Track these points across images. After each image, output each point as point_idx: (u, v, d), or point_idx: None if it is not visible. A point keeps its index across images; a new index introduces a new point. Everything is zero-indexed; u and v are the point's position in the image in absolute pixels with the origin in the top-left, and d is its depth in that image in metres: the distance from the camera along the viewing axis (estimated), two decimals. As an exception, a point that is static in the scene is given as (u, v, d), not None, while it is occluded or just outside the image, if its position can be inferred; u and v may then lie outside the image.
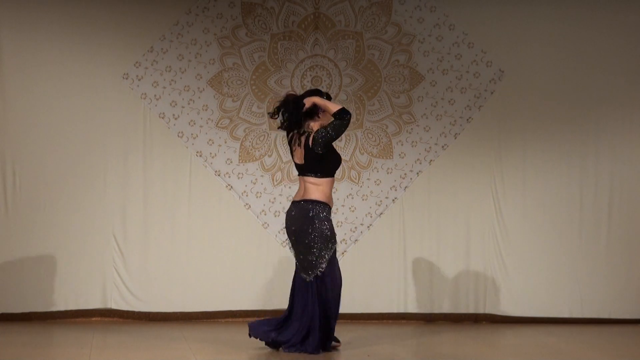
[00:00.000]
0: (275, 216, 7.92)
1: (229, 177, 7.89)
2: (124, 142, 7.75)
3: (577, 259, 8.16)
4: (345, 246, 7.90)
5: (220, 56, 7.88)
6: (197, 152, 7.85)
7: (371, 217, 8.04)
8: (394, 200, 8.07)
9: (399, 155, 8.06)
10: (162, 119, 7.81)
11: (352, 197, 7.98)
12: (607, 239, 8.18)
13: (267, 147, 7.95)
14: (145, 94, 7.79)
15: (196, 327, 7.47)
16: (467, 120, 8.11)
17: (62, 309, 7.63)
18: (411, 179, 8.08)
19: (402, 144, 8.07)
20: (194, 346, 6.44)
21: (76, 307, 7.65)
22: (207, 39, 7.86)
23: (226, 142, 7.89)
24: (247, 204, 7.91)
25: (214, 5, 7.87)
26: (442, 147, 8.10)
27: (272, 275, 7.88)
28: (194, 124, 7.85)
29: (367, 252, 8.00)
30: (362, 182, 8.03)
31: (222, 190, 7.88)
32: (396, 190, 8.07)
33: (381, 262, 8.01)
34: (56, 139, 7.64)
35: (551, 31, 8.13)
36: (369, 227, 8.01)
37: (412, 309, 8.05)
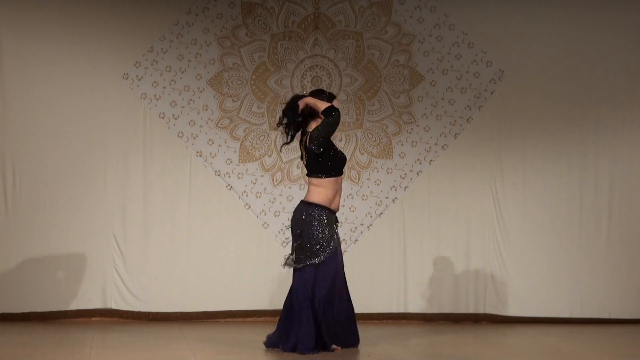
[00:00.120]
0: (275, 216, 7.92)
1: (229, 177, 7.89)
2: (124, 142, 7.75)
3: (577, 259, 8.16)
4: (345, 246, 7.89)
5: (220, 56, 7.88)
6: (197, 152, 7.85)
7: (371, 217, 8.04)
8: (394, 200, 8.07)
9: (399, 155, 8.06)
10: (162, 119, 7.81)
11: (352, 197, 7.98)
12: (607, 239, 8.18)
13: (267, 147, 7.95)
14: (145, 94, 7.79)
15: (196, 327, 7.46)
16: (467, 120, 8.11)
17: (62, 309, 7.63)
18: (411, 179, 8.09)
19: (402, 144, 8.07)
20: (194, 346, 6.44)
21: (76, 307, 7.65)
22: (207, 39, 7.86)
23: (226, 142, 7.89)
24: (247, 204, 7.91)
25: (214, 5, 7.87)
26: (442, 147, 8.11)
27: (272, 275, 7.88)
28: (194, 124, 7.85)
29: (367, 252, 8.00)
30: (362, 182, 8.03)
31: (222, 190, 7.88)
32: (396, 190, 8.07)
33: (381, 262, 8.01)
34: (56, 139, 7.65)
35: (551, 31, 8.14)
36: (369, 227, 8.01)
37: (412, 309, 8.05)
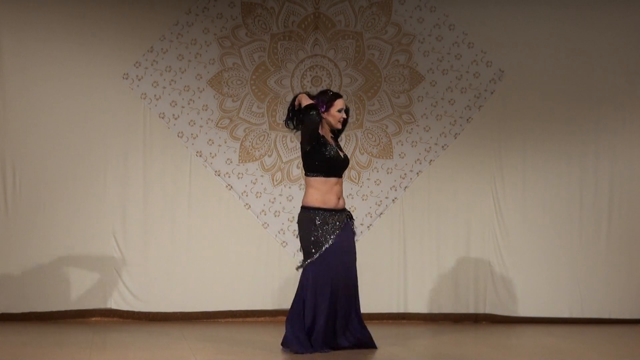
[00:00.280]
0: (275, 216, 7.92)
1: (229, 177, 7.89)
2: (124, 142, 7.75)
3: (577, 259, 8.16)
4: (345, 246, 7.90)
5: (220, 56, 7.88)
6: (197, 152, 7.85)
7: (371, 217, 8.04)
8: (394, 200, 8.07)
9: (399, 155, 8.06)
10: (162, 119, 7.81)
11: (352, 197, 7.97)
12: (607, 239, 8.18)
13: (267, 147, 7.95)
14: (145, 94, 7.79)
15: (196, 327, 7.46)
16: (467, 120, 8.11)
17: (62, 309, 7.62)
18: (411, 179, 8.09)
19: (402, 144, 8.07)
20: (194, 346, 6.44)
21: (76, 307, 7.65)
22: (207, 39, 7.86)
23: (226, 142, 7.89)
24: (247, 204, 7.91)
25: (214, 5, 7.87)
26: (442, 147, 8.10)
27: (272, 275, 7.88)
28: (194, 124, 7.85)
29: (367, 252, 7.99)
30: (362, 182, 8.03)
31: (222, 190, 7.88)
32: (396, 190, 8.07)
33: (381, 262, 8.01)
34: (56, 139, 7.64)
35: (551, 31, 8.14)
36: (369, 227, 8.01)
37: (412, 309, 8.05)
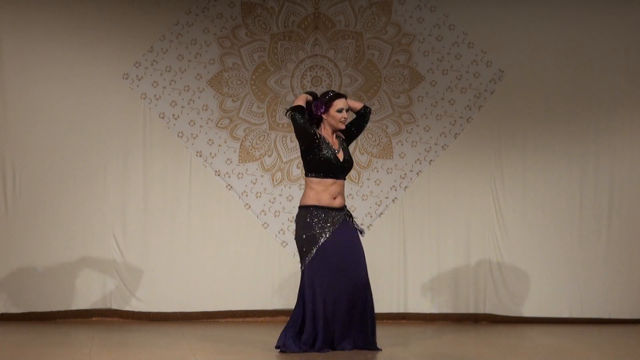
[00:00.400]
0: (275, 216, 7.92)
1: (229, 177, 7.89)
2: (124, 142, 7.75)
3: (577, 258, 8.15)
4: (345, 246, 7.90)
5: (220, 56, 7.88)
6: (197, 152, 7.85)
7: (371, 217, 8.04)
8: (394, 200, 8.07)
9: (399, 155, 8.06)
10: (162, 119, 7.81)
11: (352, 197, 7.97)
12: (607, 238, 8.18)
13: (267, 147, 7.95)
14: (145, 94, 7.79)
15: (196, 327, 7.46)
16: (467, 120, 8.11)
17: (62, 309, 7.62)
18: (411, 179, 8.08)
19: (402, 144, 8.07)
20: (194, 346, 6.44)
21: (76, 307, 7.65)
22: (207, 39, 7.86)
23: (226, 142, 7.89)
24: (247, 204, 7.91)
25: (214, 5, 7.87)
26: (442, 147, 8.10)
27: (272, 275, 7.88)
28: (194, 124, 7.85)
29: (367, 252, 7.95)
30: (362, 182, 8.03)
31: (222, 190, 7.88)
32: (396, 190, 8.07)
33: (381, 262, 8.00)
34: (56, 139, 7.64)
35: (551, 31, 8.13)
36: (369, 227, 8.01)
37: (412, 309, 8.04)
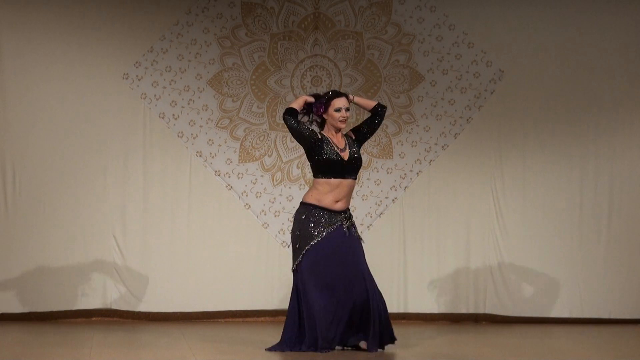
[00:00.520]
0: (275, 216, 7.92)
1: (229, 177, 7.89)
2: (124, 142, 7.75)
3: (577, 259, 8.15)
4: (345, 246, 7.90)
5: (220, 56, 7.88)
6: (197, 152, 7.85)
7: (371, 217, 8.04)
8: (394, 200, 8.07)
9: (399, 155, 8.06)
10: (162, 119, 7.81)
11: (352, 197, 7.93)
12: (607, 239, 8.18)
13: (267, 147, 7.95)
14: (145, 94, 7.79)
15: (196, 327, 7.46)
16: (467, 120, 8.11)
17: (62, 309, 7.62)
18: (411, 179, 8.08)
19: (402, 144, 8.07)
20: (194, 346, 6.44)
21: (76, 307, 7.65)
22: (207, 39, 7.86)
23: (226, 142, 7.89)
24: (247, 204, 7.91)
25: (214, 5, 7.87)
26: (442, 147, 8.10)
27: (272, 275, 7.88)
28: (194, 124, 7.85)
29: (367, 252, 7.95)
30: (362, 182, 8.02)
31: (222, 190, 7.88)
32: (396, 190, 8.07)
33: (381, 262, 8.00)
34: (56, 139, 7.64)
35: (551, 31, 8.13)
36: (369, 227, 8.01)
37: (412, 309, 8.04)
